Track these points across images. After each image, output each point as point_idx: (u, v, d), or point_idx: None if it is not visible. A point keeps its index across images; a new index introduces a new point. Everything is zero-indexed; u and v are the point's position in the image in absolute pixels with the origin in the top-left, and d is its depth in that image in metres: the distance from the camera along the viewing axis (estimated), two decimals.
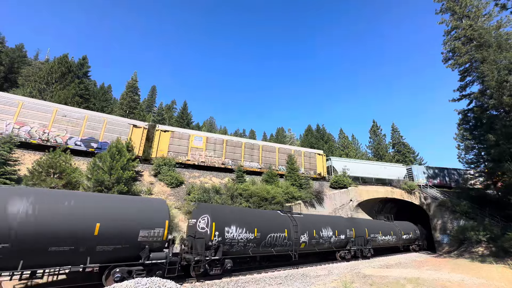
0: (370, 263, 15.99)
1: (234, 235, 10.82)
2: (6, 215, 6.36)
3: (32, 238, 6.52)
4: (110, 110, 41.82)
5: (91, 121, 18.42)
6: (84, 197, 8.36)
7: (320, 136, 56.19)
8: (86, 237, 7.29)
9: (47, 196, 7.45)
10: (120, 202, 8.86)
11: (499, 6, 20.00)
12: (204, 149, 22.02)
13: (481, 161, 22.98)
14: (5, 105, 16.03)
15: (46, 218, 6.84)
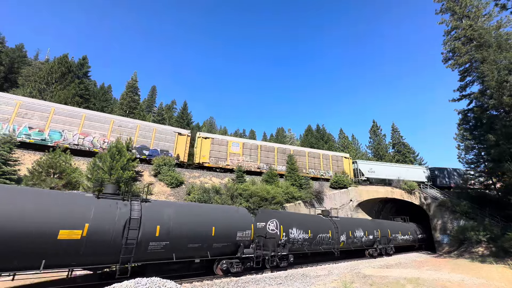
0: (370, 263, 15.98)
1: (295, 235, 13.39)
2: (169, 223, 8.90)
3: (179, 238, 9.05)
4: (110, 110, 41.83)
5: (142, 130, 20.18)
6: (203, 206, 11.86)
7: (320, 136, 56.21)
8: (207, 237, 9.83)
9: (183, 207, 10.26)
10: (223, 210, 11.59)
11: (499, 6, 19.99)
12: (241, 154, 23.74)
13: (481, 161, 22.99)
14: (72, 118, 17.93)
15: (185, 223, 9.41)
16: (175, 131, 21.82)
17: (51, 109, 17.49)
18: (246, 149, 24.10)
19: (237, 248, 10.82)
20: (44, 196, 7.31)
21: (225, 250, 10.51)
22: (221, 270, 10.26)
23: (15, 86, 33.99)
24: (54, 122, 17.28)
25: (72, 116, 18.00)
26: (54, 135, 17.19)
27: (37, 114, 17.04)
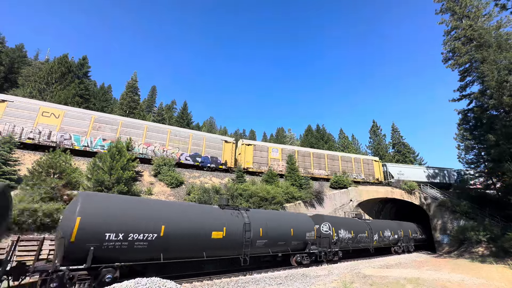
0: (370, 263, 15.98)
1: (343, 235, 16.41)
2: (266, 226, 12.19)
3: (273, 237, 12.35)
4: (110, 110, 41.83)
5: (195, 139, 21.94)
6: (284, 213, 16.34)
7: (320, 136, 56.21)
8: (288, 236, 13.09)
9: (271, 214, 13.83)
10: (296, 216, 15.05)
11: (499, 6, 19.99)
12: (280, 160, 25.27)
13: (481, 161, 22.99)
14: (137, 129, 19.81)
15: (275, 227, 12.71)
16: (222, 139, 23.68)
17: (119, 122, 19.43)
18: (284, 154, 25.60)
19: (305, 246, 14.07)
20: (196, 208, 10.88)
21: (298, 247, 13.83)
22: (295, 262, 13.68)
23: (15, 86, 33.99)
24: (122, 134, 19.08)
25: (136, 128, 19.90)
26: (97, 141, 18.57)
27: (108, 127, 18.95)
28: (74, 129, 17.80)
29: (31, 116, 16.84)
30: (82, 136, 17.83)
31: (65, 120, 17.69)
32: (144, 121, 21.83)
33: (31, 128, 16.56)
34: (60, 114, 17.69)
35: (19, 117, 16.52)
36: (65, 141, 17.28)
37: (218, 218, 10.62)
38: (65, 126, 17.60)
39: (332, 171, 27.25)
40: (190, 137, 21.68)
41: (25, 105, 16.99)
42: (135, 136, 19.46)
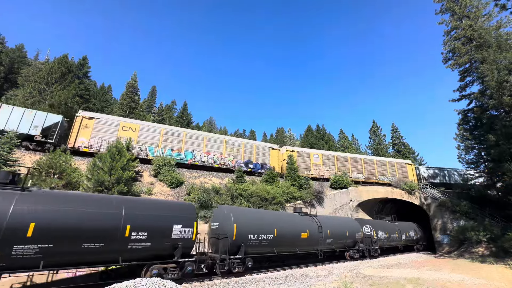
0: (370, 263, 15.98)
1: (380, 235, 19.84)
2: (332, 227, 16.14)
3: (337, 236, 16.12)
4: (110, 110, 41.82)
5: (246, 147, 23.99)
6: (339, 217, 19.49)
7: (320, 136, 56.22)
8: (344, 236, 16.82)
9: (331, 219, 17.67)
10: (346, 219, 18.86)
11: (499, 6, 19.97)
12: (321, 165, 27.01)
13: (481, 161, 22.98)
14: (198, 140, 22.01)
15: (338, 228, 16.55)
16: (269, 146, 25.86)
17: (183, 133, 21.63)
18: (325, 159, 27.44)
19: (355, 243, 17.68)
20: (289, 215, 15.11)
21: (350, 244, 17.47)
22: (349, 256, 17.04)
23: (15, 86, 34.00)
24: (186, 144, 21.30)
25: (197, 138, 22.06)
26: (187, 154, 21.16)
27: (175, 138, 21.07)
28: (148, 141, 20.05)
29: (114, 131, 19.11)
30: (155, 147, 20.04)
31: (141, 133, 19.98)
32: (204, 132, 24.49)
33: (114, 142, 17.68)
34: (136, 128, 20.06)
35: (105, 132, 18.78)
36: (141, 152, 19.52)
37: (302, 223, 14.45)
38: (141, 138, 19.87)
39: (368, 174, 28.83)
40: (242, 145, 23.90)
41: (109, 121, 19.33)
42: (197, 146, 21.74)
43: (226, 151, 22.72)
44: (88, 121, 18.43)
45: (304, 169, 25.55)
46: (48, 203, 6.93)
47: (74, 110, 28.11)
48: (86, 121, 18.40)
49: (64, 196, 7.65)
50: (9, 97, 28.72)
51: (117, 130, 19.17)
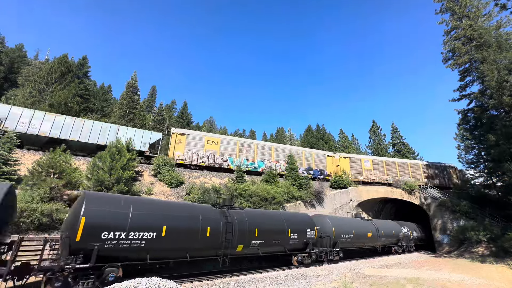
0: (370, 263, 15.98)
1: (415, 234, 23.26)
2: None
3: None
4: (110, 110, 41.80)
5: (306, 155, 26.79)
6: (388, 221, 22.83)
7: (320, 136, 56.26)
8: (392, 235, 20.73)
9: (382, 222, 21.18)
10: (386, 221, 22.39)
11: (499, 6, 19.97)
12: (372, 169, 28.71)
13: (481, 161, 22.98)
14: (267, 150, 24.81)
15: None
16: (325, 154, 28.49)
17: (254, 145, 24.45)
18: (375, 164, 29.16)
19: (398, 241, 21.30)
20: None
21: (393, 241, 21.01)
22: (395, 251, 20.68)
23: (15, 86, 33.99)
24: (258, 154, 23.91)
25: (266, 149, 24.90)
26: (260, 163, 23.82)
27: (248, 149, 23.79)
28: (228, 153, 22.64)
29: (201, 144, 21.85)
30: (233, 157, 22.69)
31: (222, 146, 22.60)
32: (271, 143, 27.57)
33: (203, 154, 21.61)
34: (218, 141, 22.80)
35: (194, 146, 21.53)
36: (224, 163, 22.13)
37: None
38: (222, 150, 22.49)
39: (416, 178, 29.90)
40: (303, 154, 26.54)
41: (196, 136, 22.13)
42: (267, 156, 24.48)
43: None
44: (181, 137, 21.20)
45: (356, 174, 27.41)
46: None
47: (74, 110, 28.12)
48: (179, 137, 21.16)
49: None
50: (9, 97, 28.72)
51: (203, 144, 21.99)
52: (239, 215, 11.44)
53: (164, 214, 9.07)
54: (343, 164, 27.54)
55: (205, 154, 21.60)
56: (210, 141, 22.40)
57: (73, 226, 7.23)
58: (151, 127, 40.11)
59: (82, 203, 7.53)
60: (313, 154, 27.30)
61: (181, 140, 21.06)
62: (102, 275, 7.41)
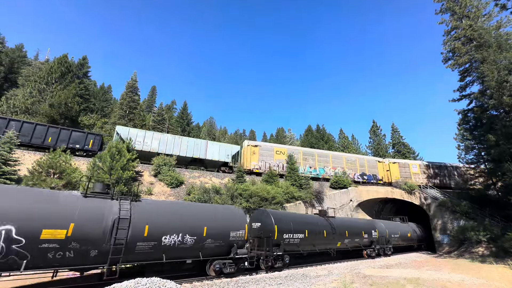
0: (370, 263, 15.97)
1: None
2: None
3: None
4: (110, 110, 41.80)
5: (360, 161, 28.86)
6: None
7: (320, 136, 56.25)
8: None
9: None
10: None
11: (499, 6, 19.98)
12: (420, 173, 30.16)
13: (481, 161, 22.97)
14: (326, 157, 27.30)
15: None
16: (376, 160, 30.49)
17: (315, 154, 27.09)
18: (422, 169, 30.56)
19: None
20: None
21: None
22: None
23: (15, 86, 33.99)
24: (319, 162, 26.54)
25: (325, 156, 27.45)
26: (321, 170, 26.29)
27: (310, 157, 26.34)
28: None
29: (271, 155, 24.57)
30: (299, 166, 24.65)
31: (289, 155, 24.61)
32: (329, 152, 30.15)
33: (273, 163, 24.12)
34: (285, 151, 25.34)
35: (265, 156, 24.19)
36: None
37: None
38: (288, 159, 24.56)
39: (455, 182, 31.04)
40: (357, 161, 28.86)
41: (267, 147, 24.91)
42: (326, 163, 26.99)
43: (346, 166, 27.55)
44: (254, 148, 23.86)
45: (405, 178, 28.67)
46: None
47: (75, 110, 28.12)
48: (253, 148, 23.79)
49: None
50: (9, 97, 28.71)
51: (272, 154, 24.60)
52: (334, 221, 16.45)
53: (305, 222, 14.71)
54: (392, 169, 29.19)
55: (275, 163, 24.18)
56: (279, 151, 25.13)
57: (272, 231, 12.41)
58: (151, 127, 40.11)
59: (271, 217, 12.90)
60: (365, 160, 29.42)
61: (254, 151, 23.80)
62: (284, 259, 12.71)
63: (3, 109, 25.39)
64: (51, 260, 6.69)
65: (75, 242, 6.96)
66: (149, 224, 8.48)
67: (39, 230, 6.49)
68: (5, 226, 6.10)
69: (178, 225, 9.22)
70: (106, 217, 7.74)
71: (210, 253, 10.07)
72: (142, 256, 8.33)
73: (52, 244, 6.61)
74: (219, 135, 62.90)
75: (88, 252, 7.23)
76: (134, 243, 8.02)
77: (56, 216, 6.89)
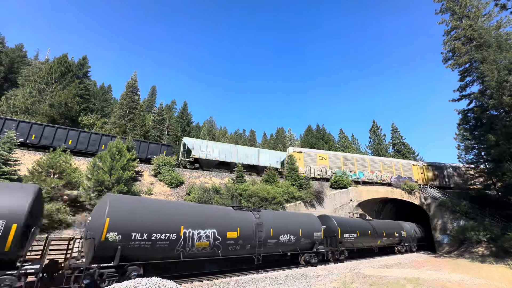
0: (370, 263, 15.97)
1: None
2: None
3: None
4: (110, 110, 41.79)
5: (395, 165, 30.17)
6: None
7: (320, 136, 56.24)
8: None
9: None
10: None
11: (499, 6, 19.98)
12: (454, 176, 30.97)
13: (481, 161, 22.97)
14: (363, 162, 28.80)
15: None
16: (410, 163, 31.69)
17: (354, 158, 28.92)
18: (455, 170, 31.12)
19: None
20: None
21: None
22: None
23: (15, 86, 33.98)
24: (358, 166, 28.18)
25: (363, 161, 29.06)
26: (360, 174, 27.84)
27: (350, 162, 28.12)
28: (335, 166, 27.11)
29: (314, 160, 26.44)
30: (339, 169, 26.86)
31: (330, 161, 27.13)
32: (367, 156, 32.45)
33: (316, 168, 26.12)
34: (327, 157, 27.37)
35: (309, 161, 26.16)
36: (332, 175, 25.56)
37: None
38: (331, 164, 27.00)
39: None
40: (392, 164, 30.27)
41: (310, 154, 26.81)
42: (364, 167, 28.43)
43: (383, 169, 29.17)
44: (299, 155, 25.72)
45: (441, 179, 30.14)
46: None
47: (75, 110, 28.12)
48: (298, 154, 25.63)
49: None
50: (9, 97, 28.70)
51: (316, 159, 26.58)
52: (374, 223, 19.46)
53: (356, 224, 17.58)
54: (426, 172, 30.30)
55: (318, 168, 26.23)
56: (321, 157, 27.09)
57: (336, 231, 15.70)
58: (151, 127, 40.09)
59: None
60: (400, 164, 30.89)
61: (300, 157, 25.49)
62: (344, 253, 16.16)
63: (3, 109, 25.37)
64: (231, 252, 10.58)
65: (241, 239, 10.77)
66: (273, 228, 12.10)
67: (226, 232, 10.30)
68: (212, 229, 9.88)
69: (288, 228, 12.91)
70: (251, 223, 11.50)
71: (303, 247, 13.70)
72: (271, 249, 12.09)
73: (231, 241, 10.43)
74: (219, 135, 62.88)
75: (245, 246, 10.98)
76: (266, 240, 11.71)
77: (231, 224, 10.77)
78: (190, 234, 9.20)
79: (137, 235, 7.97)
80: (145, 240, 8.09)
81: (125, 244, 7.72)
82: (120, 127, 31.93)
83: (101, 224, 7.44)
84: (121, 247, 7.59)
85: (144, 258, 8.28)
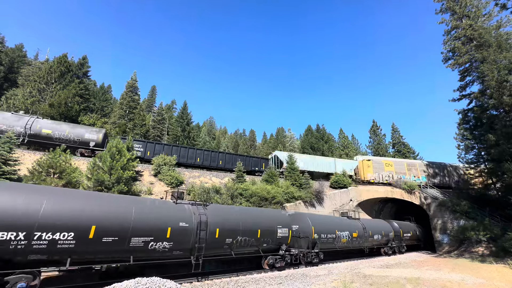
0: (370, 263, 15.97)
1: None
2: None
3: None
4: (110, 110, 41.76)
5: (418, 166, 30.71)
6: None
7: (320, 136, 56.17)
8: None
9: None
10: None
11: (499, 6, 19.96)
12: None
13: (481, 161, 22.97)
14: (379, 164, 29.23)
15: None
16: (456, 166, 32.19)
17: (416, 164, 30.93)
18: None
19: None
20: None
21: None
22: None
23: (15, 85, 33.98)
24: (420, 172, 29.96)
25: (380, 163, 29.55)
26: (423, 178, 29.33)
27: (413, 168, 30.15)
28: (400, 172, 29.12)
29: (381, 167, 28.82)
30: (404, 175, 28.78)
31: (395, 167, 29.36)
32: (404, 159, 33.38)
33: (384, 174, 28.38)
34: (392, 164, 29.58)
35: (377, 168, 28.54)
36: (397, 180, 27.45)
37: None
38: (396, 170, 29.14)
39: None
40: (416, 165, 31.28)
41: (378, 161, 29.24)
42: (380, 169, 29.50)
43: (408, 170, 29.93)
44: (368, 162, 28.48)
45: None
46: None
47: (74, 109, 28.11)
48: (367, 162, 28.49)
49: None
50: (9, 97, 28.70)
51: (383, 167, 28.85)
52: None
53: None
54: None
55: (386, 174, 28.32)
56: (387, 164, 29.43)
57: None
58: (151, 127, 40.07)
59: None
60: (417, 165, 32.13)
61: (369, 165, 28.33)
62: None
63: (3, 109, 25.37)
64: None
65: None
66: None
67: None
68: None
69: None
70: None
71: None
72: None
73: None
74: (219, 135, 62.86)
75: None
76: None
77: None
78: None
79: None
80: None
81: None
82: (120, 127, 31.93)
83: None
84: None
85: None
